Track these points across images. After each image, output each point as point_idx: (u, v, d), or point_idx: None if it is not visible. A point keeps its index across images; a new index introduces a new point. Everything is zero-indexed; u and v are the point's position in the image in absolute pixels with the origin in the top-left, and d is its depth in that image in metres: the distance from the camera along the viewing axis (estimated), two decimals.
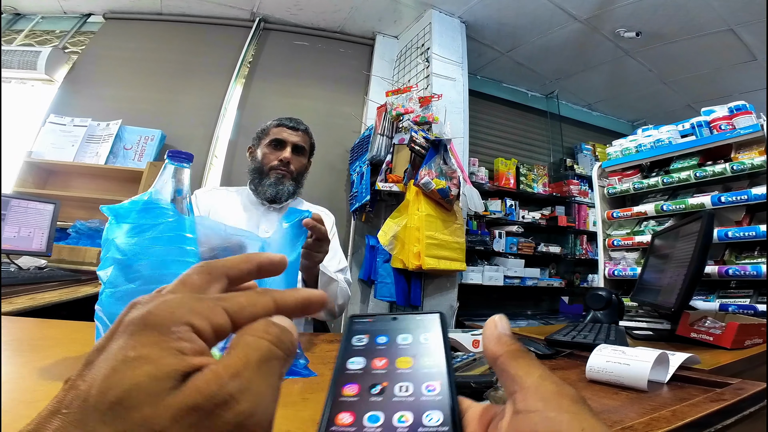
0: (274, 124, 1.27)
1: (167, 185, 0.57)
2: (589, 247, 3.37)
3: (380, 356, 0.27)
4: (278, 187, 1.19)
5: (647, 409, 0.54)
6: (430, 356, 0.26)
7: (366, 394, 0.24)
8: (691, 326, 1.06)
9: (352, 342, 0.28)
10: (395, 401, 0.23)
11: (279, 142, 1.24)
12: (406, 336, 0.28)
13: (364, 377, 0.25)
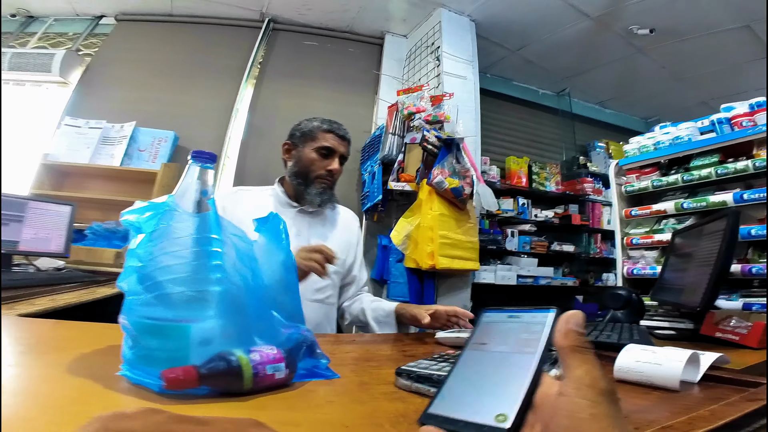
0: (323, 128, 1.20)
1: (192, 186, 0.56)
2: (603, 245, 3.33)
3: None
4: (323, 197, 1.19)
5: (681, 408, 0.53)
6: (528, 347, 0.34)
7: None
8: (716, 326, 1.04)
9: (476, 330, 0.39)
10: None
11: (328, 151, 1.19)
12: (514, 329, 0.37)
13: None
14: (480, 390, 0.34)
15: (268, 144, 2.77)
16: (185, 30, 2.95)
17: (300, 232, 1.18)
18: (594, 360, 0.26)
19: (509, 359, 0.36)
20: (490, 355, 0.38)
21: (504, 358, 0.36)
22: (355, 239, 1.31)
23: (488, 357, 0.38)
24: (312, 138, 1.20)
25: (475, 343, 0.40)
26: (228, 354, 0.47)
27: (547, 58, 3.19)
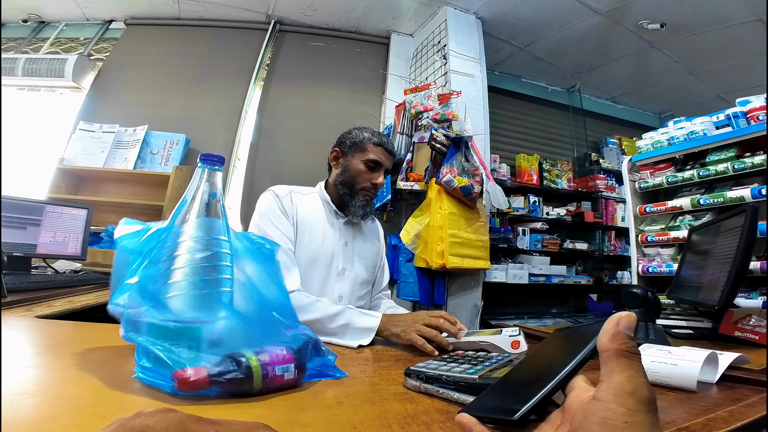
0: (373, 141, 1.20)
1: (201, 189, 0.57)
2: (617, 243, 3.27)
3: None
4: (366, 209, 1.21)
5: (699, 409, 0.52)
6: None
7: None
8: (735, 325, 1.01)
9: None
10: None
11: (376, 164, 1.19)
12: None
13: None
14: (520, 388, 0.35)
15: (277, 145, 2.80)
16: (193, 33, 2.99)
17: (347, 243, 1.21)
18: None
19: (552, 364, 0.36)
20: (536, 361, 0.40)
21: (548, 363, 0.37)
22: (383, 246, 1.36)
23: (534, 362, 0.40)
24: (362, 149, 1.20)
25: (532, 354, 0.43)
26: (238, 355, 0.48)
27: (556, 54, 3.15)
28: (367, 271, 1.23)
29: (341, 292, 1.16)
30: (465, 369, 0.52)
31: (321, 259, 1.15)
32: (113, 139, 2.52)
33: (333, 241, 1.18)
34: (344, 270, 1.18)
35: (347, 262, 1.19)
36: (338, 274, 1.17)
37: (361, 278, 1.22)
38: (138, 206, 2.44)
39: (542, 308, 3.05)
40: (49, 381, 0.46)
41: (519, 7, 2.64)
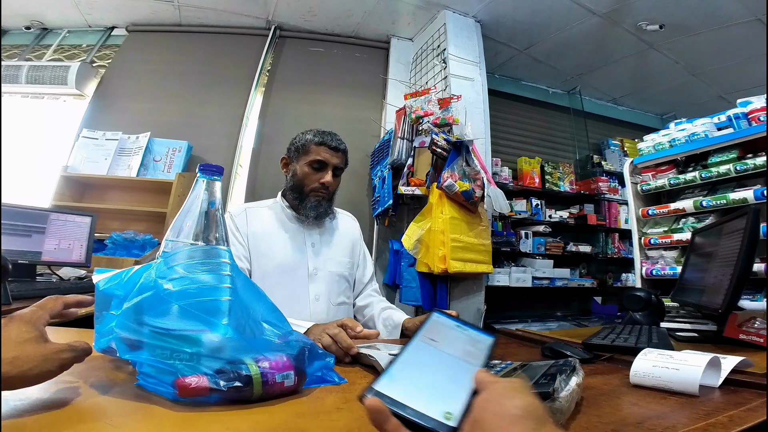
0: (315, 141, 1.21)
1: (200, 198, 0.59)
2: (621, 245, 3.26)
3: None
4: (318, 209, 1.21)
5: (701, 414, 0.52)
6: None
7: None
8: (739, 327, 1.00)
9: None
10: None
11: (321, 164, 1.21)
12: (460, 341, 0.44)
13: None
14: (430, 384, 0.37)
15: (278, 152, 2.79)
16: (194, 40, 3.02)
17: (314, 243, 1.23)
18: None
19: (457, 364, 0.40)
20: (440, 354, 0.41)
21: (452, 361, 0.41)
22: (359, 240, 1.36)
23: (438, 355, 0.41)
24: (305, 152, 1.22)
25: (426, 336, 0.43)
26: (238, 363, 0.48)
27: (555, 56, 3.16)
28: (340, 267, 1.25)
29: (317, 293, 1.19)
30: None
31: (288, 264, 1.17)
32: (116, 146, 2.54)
33: (298, 245, 1.20)
34: (316, 270, 1.20)
35: (318, 263, 1.21)
36: (310, 275, 1.19)
37: (336, 275, 1.23)
38: (141, 213, 2.45)
39: (546, 312, 3.03)
40: (52, 387, 0.47)
41: (518, 9, 2.66)
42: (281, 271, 1.16)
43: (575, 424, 0.47)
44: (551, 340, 0.98)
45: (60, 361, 0.43)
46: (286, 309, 1.05)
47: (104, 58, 2.98)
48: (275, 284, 1.13)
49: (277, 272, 1.16)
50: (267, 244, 1.18)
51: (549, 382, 0.46)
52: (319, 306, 1.18)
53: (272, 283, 1.13)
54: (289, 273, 1.17)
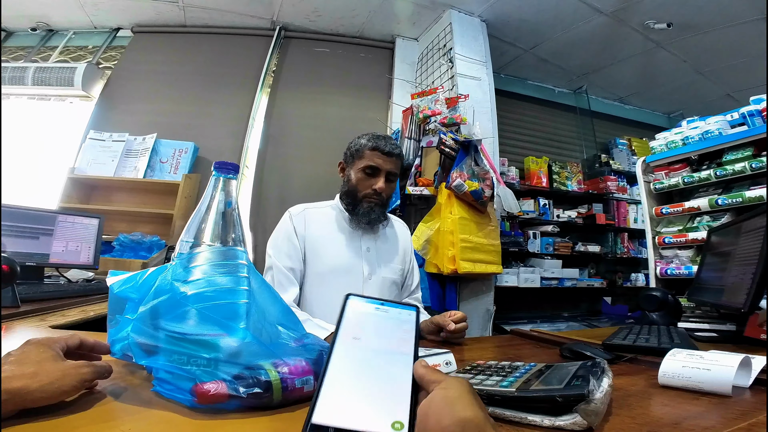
0: (369, 146, 1.20)
1: (216, 197, 0.57)
2: (630, 245, 3.23)
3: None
4: (371, 216, 1.21)
5: (736, 414, 0.50)
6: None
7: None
8: (760, 327, 0.98)
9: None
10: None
11: (373, 170, 1.19)
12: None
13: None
14: (368, 394, 0.34)
15: (284, 152, 2.80)
16: (199, 40, 3.02)
17: (369, 248, 1.23)
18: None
19: (389, 360, 0.38)
20: (367, 354, 0.38)
21: (383, 358, 0.38)
22: (410, 247, 1.37)
23: (366, 355, 0.38)
24: (359, 157, 1.21)
25: (347, 336, 0.39)
26: (257, 368, 0.47)
27: (561, 55, 3.14)
28: (394, 273, 1.25)
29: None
30: (497, 381, 0.50)
31: (342, 267, 1.17)
32: (123, 147, 2.54)
33: (354, 249, 1.20)
34: (370, 275, 1.20)
35: (372, 267, 1.21)
36: (365, 279, 1.19)
37: (390, 281, 1.23)
38: (148, 215, 2.45)
39: (555, 312, 3.00)
40: None
41: (523, 9, 2.64)
42: (336, 274, 1.16)
43: (608, 426, 0.46)
44: (568, 341, 0.96)
45: (80, 377, 0.43)
46: (338, 313, 1.07)
47: (110, 60, 2.99)
48: (330, 286, 1.15)
49: (332, 275, 1.16)
50: (323, 246, 1.19)
51: (582, 383, 0.45)
52: None
53: (327, 286, 1.15)
54: (344, 276, 1.17)
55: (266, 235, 2.55)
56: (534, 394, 0.45)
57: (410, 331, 0.42)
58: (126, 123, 2.69)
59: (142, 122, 2.70)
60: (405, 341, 0.40)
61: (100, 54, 2.98)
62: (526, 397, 0.45)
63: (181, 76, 2.90)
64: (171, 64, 2.93)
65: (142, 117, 2.75)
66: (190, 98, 2.85)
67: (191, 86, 2.88)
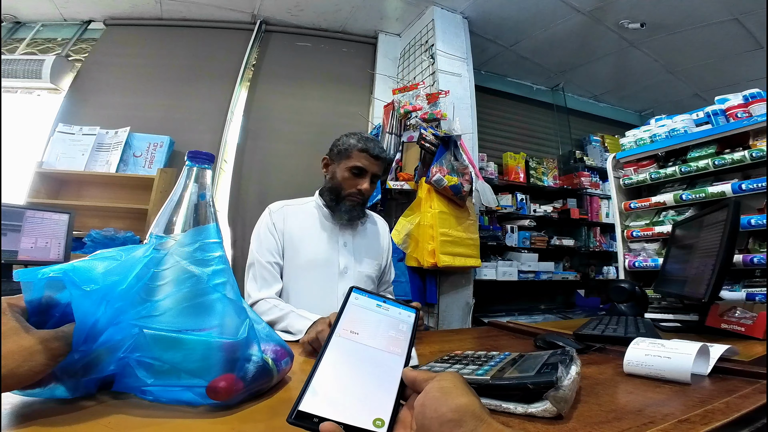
0: (358, 147, 1.21)
1: (189, 189, 0.52)
2: (602, 239, 3.34)
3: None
4: (352, 213, 1.24)
5: (695, 401, 0.53)
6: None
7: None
8: (720, 317, 1.04)
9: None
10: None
11: (360, 171, 1.21)
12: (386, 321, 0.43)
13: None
14: (356, 389, 0.35)
15: (264, 147, 2.76)
16: (176, 34, 2.93)
17: (347, 243, 1.25)
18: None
19: (382, 359, 0.39)
20: (362, 350, 0.39)
21: (375, 356, 0.39)
22: (388, 244, 1.39)
23: (361, 352, 0.39)
24: (347, 156, 1.22)
25: (346, 329, 0.41)
26: (252, 356, 0.47)
27: (540, 53, 3.20)
28: (370, 268, 1.27)
29: (345, 291, 1.19)
30: (473, 370, 0.52)
31: (319, 261, 1.20)
32: (94, 141, 2.45)
33: (331, 244, 1.23)
34: (346, 269, 1.22)
35: (349, 262, 1.23)
36: (340, 273, 1.21)
37: (365, 275, 1.25)
38: (122, 210, 2.38)
39: (532, 305, 3.09)
40: (49, 407, 0.44)
41: (504, 6, 2.67)
42: (312, 266, 1.19)
43: (577, 412, 0.48)
44: (542, 332, 1.00)
45: (50, 352, 0.38)
46: (315, 304, 1.08)
47: (80, 52, 2.86)
48: (306, 279, 1.18)
49: (308, 267, 1.19)
50: (301, 240, 1.21)
51: (551, 371, 0.47)
52: None
53: (303, 278, 1.18)
54: (319, 269, 1.19)
55: (245, 231, 2.53)
56: (507, 382, 0.47)
57: (406, 332, 0.43)
58: (97, 116, 2.59)
59: (115, 116, 2.60)
60: (399, 341, 0.42)
61: (69, 47, 2.85)
62: (500, 385, 0.47)
63: (156, 70, 2.81)
64: (146, 57, 2.83)
65: (115, 110, 2.65)
66: (166, 92, 2.76)
67: (167, 80, 2.79)
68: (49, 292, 0.42)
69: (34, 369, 0.36)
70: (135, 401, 0.45)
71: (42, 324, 0.41)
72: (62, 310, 0.42)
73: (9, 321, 0.37)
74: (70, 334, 0.40)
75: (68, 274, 0.41)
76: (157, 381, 0.44)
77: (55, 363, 0.39)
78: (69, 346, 0.40)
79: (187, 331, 0.44)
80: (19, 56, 2.70)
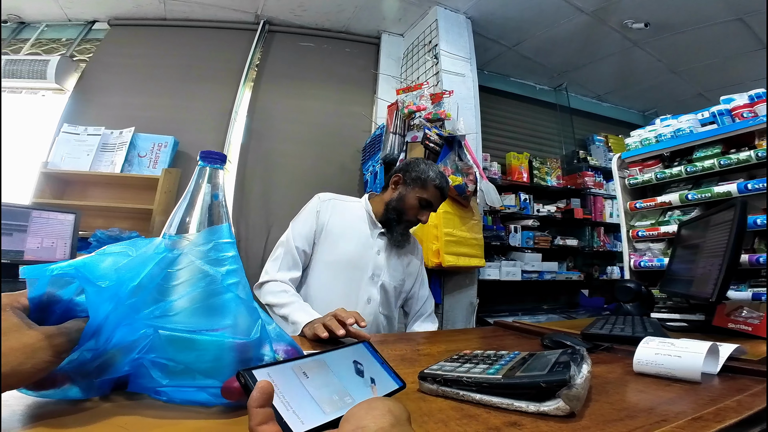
0: (435, 184, 1.26)
1: (202, 189, 0.52)
2: (606, 239, 3.34)
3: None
4: (405, 236, 1.30)
5: (706, 400, 0.53)
6: None
7: None
8: (727, 316, 1.04)
9: None
10: None
11: (428, 205, 1.27)
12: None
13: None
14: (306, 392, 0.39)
15: (268, 147, 2.77)
16: (180, 34, 2.94)
17: (380, 252, 1.27)
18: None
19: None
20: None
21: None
22: (418, 260, 1.42)
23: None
24: (422, 186, 1.26)
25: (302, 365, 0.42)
26: (265, 356, 0.47)
27: (543, 53, 3.20)
28: (396, 281, 1.29)
29: (370, 296, 1.24)
30: (484, 369, 0.52)
31: (351, 261, 1.22)
32: (99, 141, 2.46)
33: (367, 248, 1.25)
34: (374, 276, 1.24)
35: (378, 270, 1.25)
36: (369, 278, 1.23)
37: (391, 287, 1.27)
38: (126, 210, 2.39)
39: (535, 304, 3.09)
40: (60, 408, 0.43)
41: (507, 6, 2.68)
42: (344, 265, 1.22)
43: (589, 411, 0.48)
44: (549, 332, 1.00)
45: (54, 349, 0.36)
46: (334, 301, 1.08)
47: (84, 53, 2.88)
48: (335, 276, 1.21)
49: (340, 265, 1.22)
50: (340, 236, 1.24)
51: (564, 369, 0.47)
52: (368, 308, 1.23)
53: (332, 274, 1.20)
54: (349, 268, 1.22)
55: (249, 230, 2.53)
56: (519, 381, 0.47)
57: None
58: (102, 117, 2.60)
59: (119, 116, 2.62)
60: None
61: (74, 47, 2.86)
62: (512, 384, 0.47)
63: (160, 70, 2.82)
64: (150, 58, 2.84)
65: (119, 111, 2.66)
66: (170, 92, 2.77)
67: (171, 80, 2.80)
68: (51, 288, 0.41)
69: (37, 366, 0.35)
70: (149, 402, 0.45)
71: (43, 321, 0.39)
72: (64, 307, 0.41)
73: (10, 317, 0.36)
74: (74, 330, 0.39)
75: (80, 270, 0.40)
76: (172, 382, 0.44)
77: (60, 360, 0.38)
78: (73, 342, 0.38)
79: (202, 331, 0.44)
80: (24, 56, 2.71)
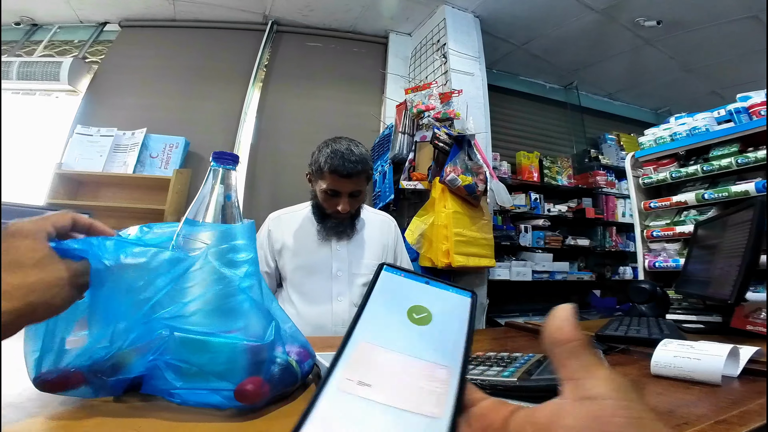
0: (327, 168, 1.14)
1: (215, 190, 0.53)
2: (618, 238, 3.29)
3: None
4: (338, 230, 1.24)
5: (728, 403, 0.52)
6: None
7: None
8: (746, 318, 1.02)
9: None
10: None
11: (334, 193, 1.17)
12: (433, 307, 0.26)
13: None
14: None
15: (277, 147, 2.78)
16: (190, 35, 2.97)
17: (340, 247, 1.27)
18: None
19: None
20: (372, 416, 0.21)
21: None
22: (390, 241, 1.36)
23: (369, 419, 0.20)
24: (320, 176, 1.18)
25: (350, 372, 0.21)
26: (278, 358, 0.47)
27: (553, 52, 3.17)
28: (367, 269, 1.28)
29: (339, 292, 1.24)
30: (498, 371, 0.51)
31: (314, 266, 1.23)
32: (112, 142, 2.49)
33: (320, 248, 1.25)
34: (339, 272, 1.24)
35: (341, 264, 1.25)
36: (333, 276, 1.24)
37: (359, 276, 1.27)
38: (138, 210, 2.41)
39: (546, 305, 3.03)
40: (74, 411, 0.43)
41: (516, 5, 2.65)
42: (307, 270, 1.23)
43: None
44: None
45: (79, 287, 0.37)
46: (310, 307, 1.12)
47: (97, 54, 2.92)
48: (300, 283, 1.23)
49: (301, 272, 1.23)
50: (295, 246, 1.25)
51: None
52: (341, 305, 1.23)
53: (297, 282, 1.23)
54: (314, 273, 1.23)
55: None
56: (536, 384, 0.46)
57: (457, 360, 0.24)
58: (114, 118, 2.64)
59: (131, 117, 2.65)
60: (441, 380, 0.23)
61: (86, 48, 2.91)
62: (528, 387, 0.46)
63: (171, 71, 2.85)
64: (160, 59, 2.87)
65: (131, 111, 2.69)
66: (180, 93, 2.80)
67: (181, 81, 2.83)
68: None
69: (66, 300, 0.35)
70: (163, 404, 0.45)
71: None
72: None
73: (45, 247, 0.35)
74: (88, 271, 0.38)
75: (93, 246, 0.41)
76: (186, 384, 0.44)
77: (79, 297, 0.38)
78: (88, 284, 0.39)
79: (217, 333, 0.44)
80: (38, 58, 2.76)
